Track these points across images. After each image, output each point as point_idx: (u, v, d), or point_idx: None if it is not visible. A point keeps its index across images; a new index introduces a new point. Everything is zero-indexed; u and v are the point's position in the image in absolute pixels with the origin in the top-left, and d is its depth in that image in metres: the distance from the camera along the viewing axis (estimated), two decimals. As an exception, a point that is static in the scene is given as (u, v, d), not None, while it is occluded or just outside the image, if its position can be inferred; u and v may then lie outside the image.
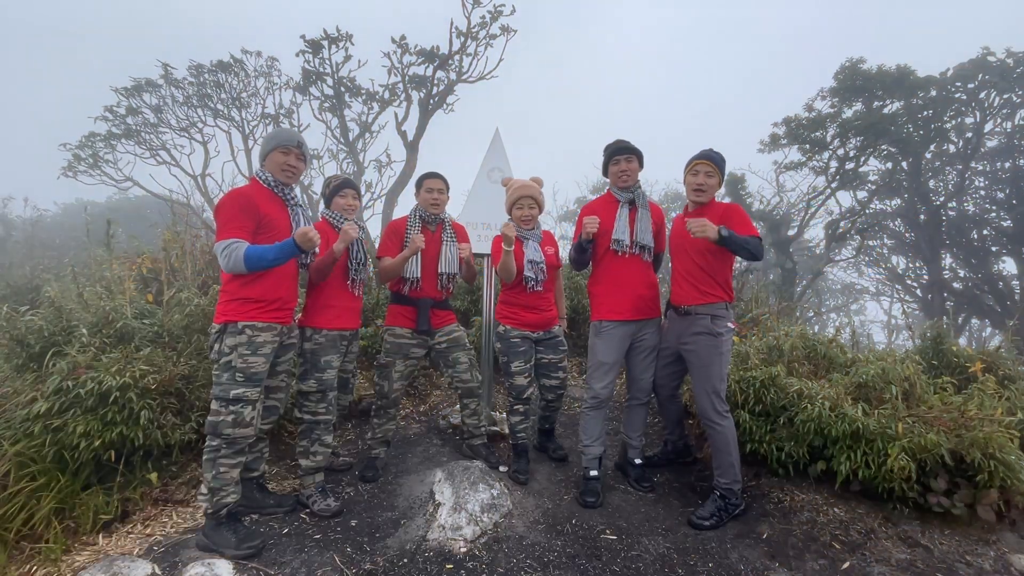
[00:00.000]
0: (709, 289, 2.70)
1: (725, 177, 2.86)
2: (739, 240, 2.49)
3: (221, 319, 2.30)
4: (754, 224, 2.95)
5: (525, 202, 3.06)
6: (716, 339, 2.65)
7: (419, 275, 2.97)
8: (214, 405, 2.27)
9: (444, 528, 2.47)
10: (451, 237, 3.10)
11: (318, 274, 2.70)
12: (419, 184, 3.10)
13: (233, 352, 2.26)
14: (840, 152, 14.74)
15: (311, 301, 2.77)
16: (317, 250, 2.57)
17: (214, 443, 2.25)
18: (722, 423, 2.64)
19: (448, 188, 3.11)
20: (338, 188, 2.94)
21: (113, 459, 2.54)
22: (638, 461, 3.05)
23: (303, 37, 12.66)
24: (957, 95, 13.71)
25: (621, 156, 2.91)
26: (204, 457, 2.27)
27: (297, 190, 2.61)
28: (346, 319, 2.82)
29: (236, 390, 2.25)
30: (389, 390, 3.02)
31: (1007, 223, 14.01)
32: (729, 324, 2.70)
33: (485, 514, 2.59)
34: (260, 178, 2.47)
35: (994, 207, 14.49)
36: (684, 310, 2.78)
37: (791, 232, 16.57)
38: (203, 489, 2.30)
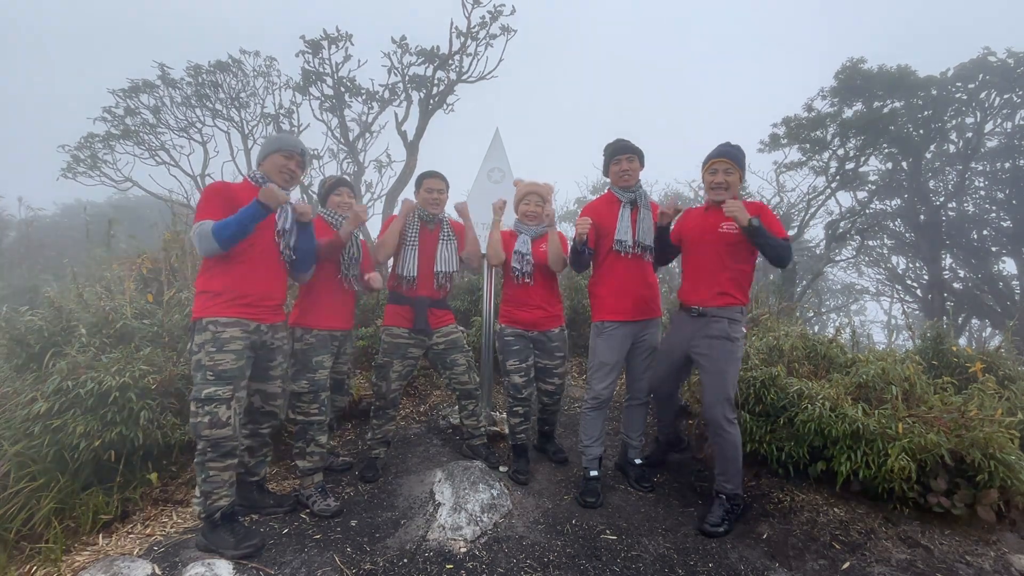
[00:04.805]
0: (729, 290, 2.60)
1: (746, 172, 2.76)
2: (767, 235, 2.40)
3: (193, 317, 2.29)
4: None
5: (532, 199, 3.11)
6: (733, 344, 2.57)
7: (415, 273, 2.97)
8: (192, 406, 2.20)
9: (444, 528, 2.47)
10: (449, 236, 3.11)
11: (325, 250, 2.71)
12: (419, 183, 3.11)
13: (201, 350, 2.21)
14: (840, 152, 14.72)
15: (301, 300, 2.78)
16: (287, 214, 2.42)
17: (200, 445, 2.21)
18: (731, 430, 2.59)
19: (448, 188, 3.12)
20: (333, 187, 3.01)
21: (113, 459, 2.54)
22: (638, 461, 3.06)
23: (303, 37, 12.64)
24: (957, 95, 13.68)
25: (622, 156, 2.90)
26: (195, 460, 2.24)
27: (297, 191, 2.61)
28: (336, 319, 2.81)
29: (207, 389, 2.17)
30: (387, 390, 3.02)
31: (1007, 223, 14.00)
32: (743, 329, 2.66)
33: (485, 514, 2.58)
34: (252, 178, 2.46)
35: (994, 207, 14.47)
36: (699, 311, 2.66)
37: (791, 232, 16.57)
38: (197, 492, 2.27)
